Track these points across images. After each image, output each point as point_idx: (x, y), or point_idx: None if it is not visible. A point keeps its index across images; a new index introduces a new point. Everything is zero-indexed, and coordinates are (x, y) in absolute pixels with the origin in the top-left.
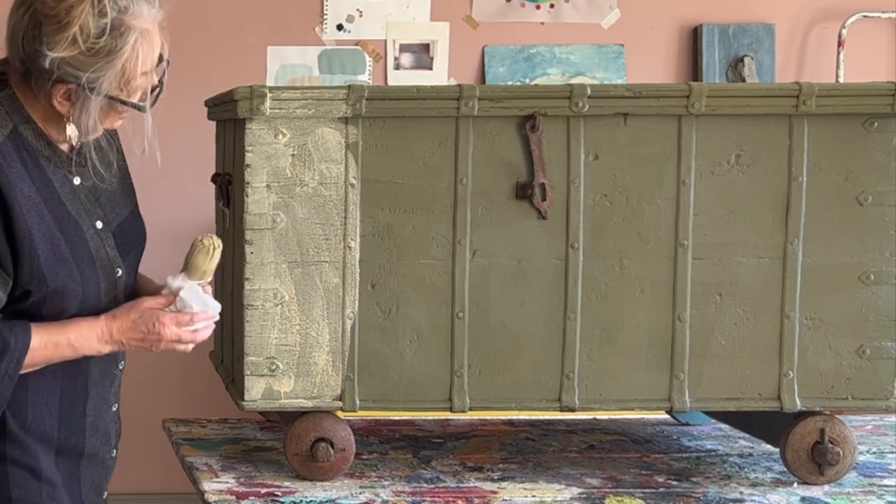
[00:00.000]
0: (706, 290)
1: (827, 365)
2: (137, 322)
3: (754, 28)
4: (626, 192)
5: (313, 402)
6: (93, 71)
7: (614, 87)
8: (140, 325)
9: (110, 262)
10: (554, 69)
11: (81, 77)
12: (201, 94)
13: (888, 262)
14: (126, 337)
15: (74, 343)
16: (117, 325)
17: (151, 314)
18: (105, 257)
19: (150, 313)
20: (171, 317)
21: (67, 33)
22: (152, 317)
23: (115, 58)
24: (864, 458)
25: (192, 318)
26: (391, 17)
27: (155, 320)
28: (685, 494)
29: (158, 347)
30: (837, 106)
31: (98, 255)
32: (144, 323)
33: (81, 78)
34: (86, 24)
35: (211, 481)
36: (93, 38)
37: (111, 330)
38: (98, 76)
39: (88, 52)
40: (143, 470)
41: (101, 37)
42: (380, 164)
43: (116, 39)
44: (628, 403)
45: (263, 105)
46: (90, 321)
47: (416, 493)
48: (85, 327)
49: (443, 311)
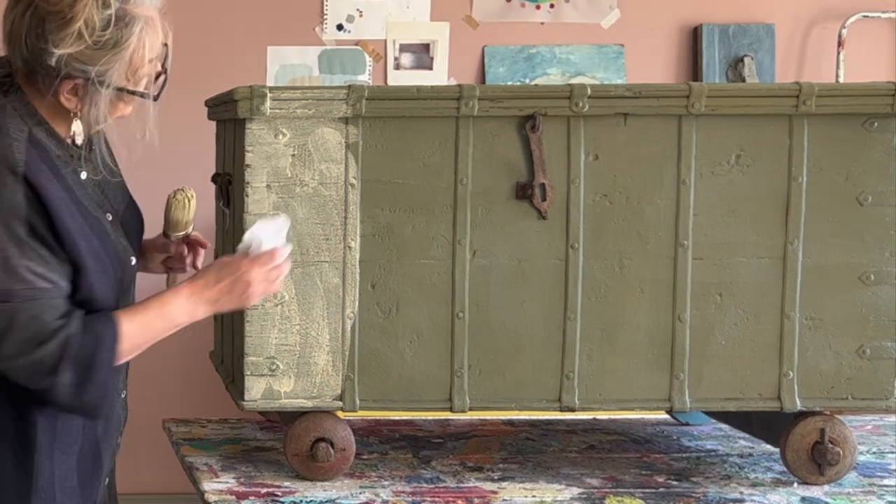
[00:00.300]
0: (706, 290)
1: (827, 365)
2: (219, 274)
3: (754, 28)
4: (626, 192)
5: (313, 402)
6: (101, 64)
7: (614, 87)
8: (223, 277)
9: (125, 251)
10: (554, 69)
11: (90, 71)
12: (201, 94)
13: (888, 262)
14: (214, 292)
15: (167, 316)
16: (201, 284)
17: (230, 263)
18: (122, 248)
19: (229, 263)
20: (249, 260)
21: (72, 29)
22: (231, 265)
23: (121, 49)
24: (864, 458)
25: (272, 255)
26: (391, 17)
27: (235, 268)
28: (685, 494)
29: (250, 296)
30: (837, 106)
31: (117, 246)
32: (226, 274)
33: (90, 72)
34: (90, 17)
35: (211, 481)
36: (98, 32)
37: (196, 289)
38: (106, 69)
39: (95, 45)
40: (143, 470)
41: (106, 29)
42: (380, 164)
43: (122, 30)
44: (628, 403)
45: (263, 105)
46: (169, 292)
47: (416, 493)
48: (167, 299)
49: (443, 311)
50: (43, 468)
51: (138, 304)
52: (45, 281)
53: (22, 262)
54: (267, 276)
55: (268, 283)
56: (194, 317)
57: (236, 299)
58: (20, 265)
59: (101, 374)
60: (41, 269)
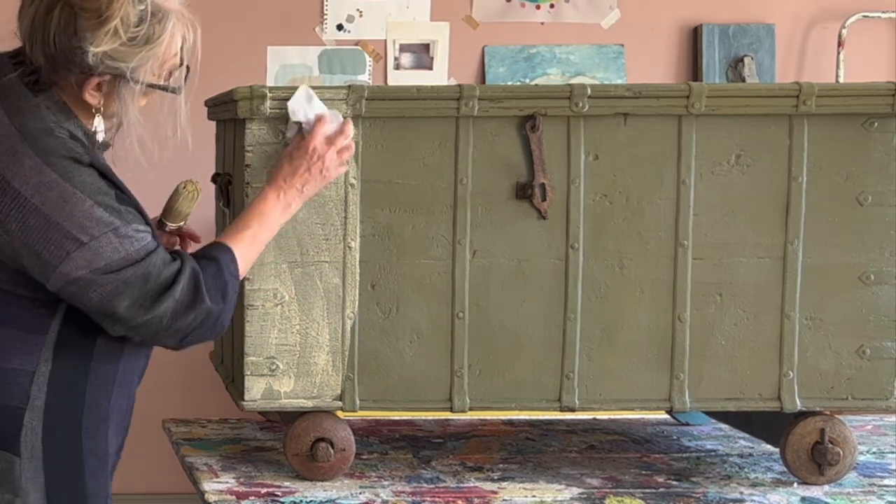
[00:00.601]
0: (706, 290)
1: (827, 365)
2: (293, 164)
3: (754, 28)
4: (626, 192)
5: (313, 402)
6: (136, 60)
7: (614, 87)
8: (298, 165)
9: None
10: (554, 69)
11: (122, 68)
12: (201, 94)
13: (888, 262)
14: (297, 182)
15: (267, 222)
16: (281, 179)
17: (297, 149)
18: None
19: (296, 148)
20: (311, 138)
21: (109, 26)
22: (299, 150)
23: (155, 45)
24: (864, 458)
25: (322, 122)
26: (391, 17)
27: (304, 151)
28: (685, 494)
29: (328, 169)
30: (837, 106)
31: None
32: (298, 160)
33: (122, 69)
34: (126, 14)
35: (211, 481)
36: (133, 28)
37: (280, 186)
38: (140, 65)
39: (129, 42)
40: (143, 470)
41: (140, 25)
42: (380, 164)
43: (154, 26)
44: (628, 403)
45: (263, 105)
46: (257, 201)
47: (416, 493)
48: (261, 206)
49: (443, 311)
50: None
51: (238, 223)
52: (151, 236)
53: (129, 228)
54: (334, 144)
55: (336, 150)
56: (290, 212)
57: (319, 178)
58: (128, 231)
59: (233, 298)
60: (143, 227)
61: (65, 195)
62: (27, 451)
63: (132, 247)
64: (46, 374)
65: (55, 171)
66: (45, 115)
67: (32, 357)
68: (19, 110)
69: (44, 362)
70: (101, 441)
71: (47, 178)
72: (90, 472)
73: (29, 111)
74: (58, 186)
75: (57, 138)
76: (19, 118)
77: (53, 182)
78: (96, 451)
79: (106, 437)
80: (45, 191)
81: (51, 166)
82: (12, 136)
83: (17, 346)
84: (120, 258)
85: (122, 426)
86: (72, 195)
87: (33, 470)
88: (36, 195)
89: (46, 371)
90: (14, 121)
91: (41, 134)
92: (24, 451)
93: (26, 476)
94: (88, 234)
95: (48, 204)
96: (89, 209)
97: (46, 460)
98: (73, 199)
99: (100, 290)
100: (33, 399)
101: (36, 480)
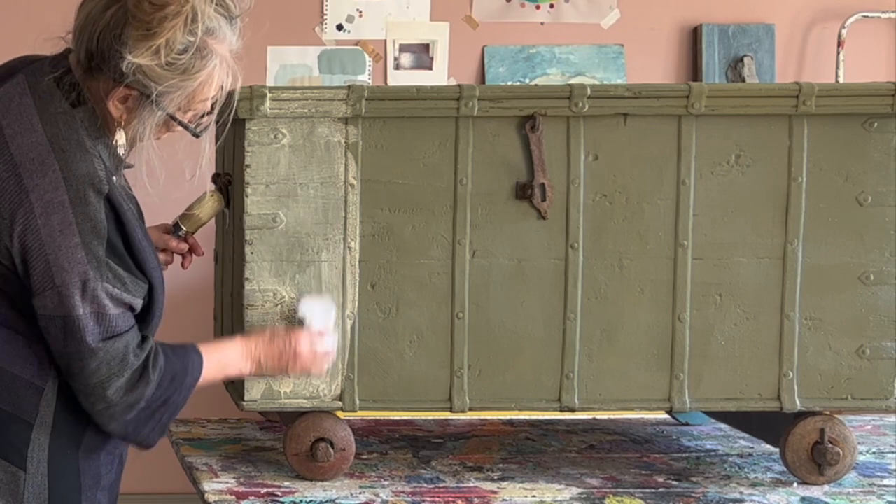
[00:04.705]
0: (706, 291)
1: (827, 365)
2: (274, 339)
3: (754, 28)
4: (626, 192)
5: (313, 402)
6: (166, 86)
7: (614, 87)
8: (276, 342)
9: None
10: (554, 69)
11: (151, 88)
12: None
13: (888, 262)
14: (265, 354)
15: (224, 362)
16: (254, 343)
17: (285, 332)
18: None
19: (284, 332)
20: (303, 336)
21: (153, 42)
22: (287, 334)
23: (190, 78)
24: (864, 458)
25: (324, 336)
26: (391, 17)
27: (289, 337)
28: (685, 494)
29: (293, 368)
30: (837, 106)
31: (157, 257)
32: (281, 340)
33: (151, 89)
34: (174, 37)
35: (211, 481)
36: (175, 54)
37: (251, 347)
38: (168, 92)
39: (167, 65)
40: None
41: (183, 54)
42: (380, 164)
43: (196, 61)
44: (628, 403)
45: (263, 105)
46: (228, 341)
47: (416, 493)
48: (229, 347)
49: (443, 311)
50: None
51: (208, 345)
52: (117, 305)
53: (99, 285)
54: (314, 356)
55: (313, 362)
56: (241, 373)
57: (281, 367)
58: (98, 288)
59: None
60: (116, 291)
61: (64, 222)
62: (33, 467)
63: (90, 309)
64: (55, 390)
65: (69, 192)
66: (79, 128)
67: (42, 372)
68: (54, 120)
69: (52, 378)
70: (94, 462)
71: (59, 197)
72: (85, 493)
73: (64, 123)
74: (62, 210)
75: (85, 159)
76: (53, 128)
77: (61, 204)
78: (89, 472)
79: (99, 458)
80: (51, 212)
81: (68, 186)
82: (42, 146)
83: (24, 356)
84: (79, 315)
85: (116, 452)
86: (68, 225)
87: (37, 486)
88: (43, 215)
89: (55, 387)
90: (48, 130)
91: (72, 148)
92: (31, 465)
93: (30, 491)
94: (61, 277)
95: (48, 228)
96: (74, 247)
97: (51, 476)
98: (68, 230)
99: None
100: (42, 415)
101: (40, 496)
